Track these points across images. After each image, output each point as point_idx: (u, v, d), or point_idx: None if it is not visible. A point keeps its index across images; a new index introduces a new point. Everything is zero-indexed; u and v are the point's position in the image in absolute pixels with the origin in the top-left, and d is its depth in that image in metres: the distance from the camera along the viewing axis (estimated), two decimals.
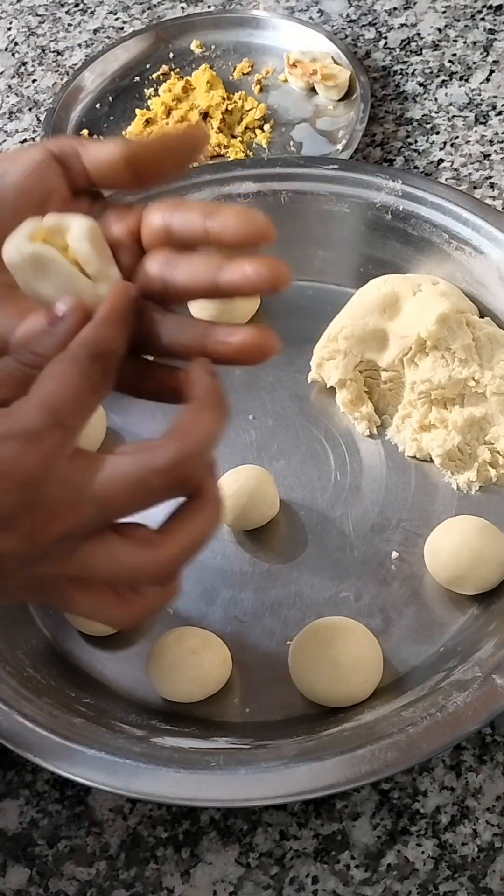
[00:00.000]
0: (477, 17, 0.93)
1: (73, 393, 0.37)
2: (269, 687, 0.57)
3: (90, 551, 0.38)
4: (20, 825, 0.55)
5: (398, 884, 0.51)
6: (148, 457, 0.37)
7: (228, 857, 0.52)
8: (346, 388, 0.67)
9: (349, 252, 0.73)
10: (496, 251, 0.67)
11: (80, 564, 0.38)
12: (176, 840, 0.53)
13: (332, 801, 0.54)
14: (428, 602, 0.59)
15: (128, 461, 0.37)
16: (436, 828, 0.52)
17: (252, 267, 0.37)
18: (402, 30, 0.93)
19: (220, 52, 0.93)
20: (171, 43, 0.94)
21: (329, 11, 0.96)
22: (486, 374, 0.63)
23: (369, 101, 0.84)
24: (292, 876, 0.52)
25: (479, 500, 0.63)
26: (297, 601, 0.60)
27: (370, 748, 0.50)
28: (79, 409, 0.37)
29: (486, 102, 0.86)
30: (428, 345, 0.64)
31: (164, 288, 0.40)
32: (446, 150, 0.83)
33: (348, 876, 0.51)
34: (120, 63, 0.92)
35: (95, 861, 0.53)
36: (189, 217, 0.39)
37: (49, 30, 1.00)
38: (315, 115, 0.87)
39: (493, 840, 0.52)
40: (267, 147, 0.85)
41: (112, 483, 0.36)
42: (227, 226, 0.38)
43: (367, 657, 0.55)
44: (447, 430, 0.64)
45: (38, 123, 0.91)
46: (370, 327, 0.66)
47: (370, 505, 0.64)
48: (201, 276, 0.39)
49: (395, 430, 0.66)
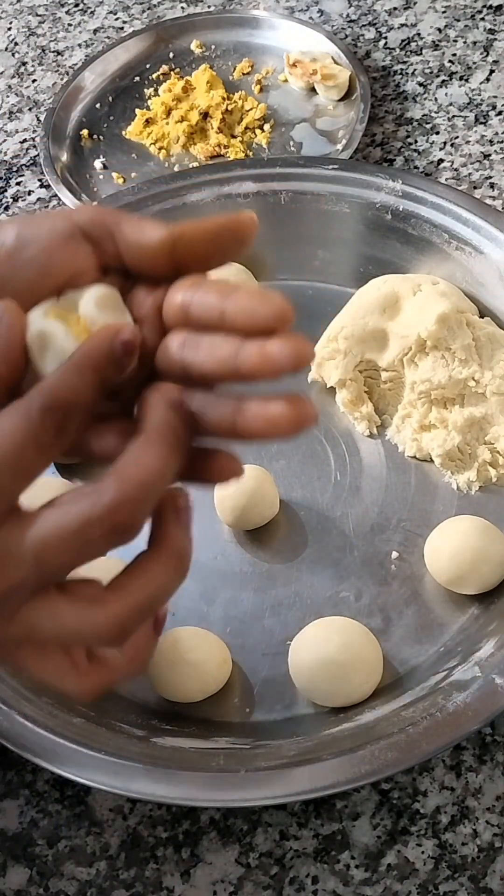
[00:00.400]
0: (477, 17, 0.93)
1: (11, 450, 0.33)
2: (269, 687, 0.57)
3: (32, 612, 0.34)
4: (20, 825, 0.55)
5: (398, 884, 0.51)
6: (82, 505, 0.33)
7: (228, 857, 0.52)
8: (346, 388, 0.67)
9: (349, 252, 0.73)
10: (496, 251, 0.67)
11: (23, 627, 0.35)
12: (176, 840, 0.53)
13: (332, 801, 0.54)
14: (428, 602, 0.59)
15: (61, 513, 0.33)
16: (436, 828, 0.52)
17: (275, 347, 0.34)
18: (402, 30, 0.93)
19: (220, 52, 0.93)
20: (171, 43, 0.94)
21: (329, 11, 0.96)
22: (486, 374, 0.63)
23: (369, 101, 0.84)
24: (292, 876, 0.52)
25: (479, 500, 0.63)
26: (297, 601, 0.60)
27: (370, 748, 0.50)
28: (18, 468, 0.33)
29: (486, 102, 0.86)
30: (428, 345, 0.64)
31: (184, 370, 0.36)
32: (446, 150, 0.83)
33: (348, 876, 0.51)
34: (120, 63, 0.92)
35: (95, 861, 0.53)
36: (207, 298, 0.36)
37: (49, 30, 1.00)
38: (315, 115, 0.87)
39: (493, 840, 0.52)
40: (267, 147, 0.85)
41: (45, 539, 0.33)
42: (243, 309, 0.35)
43: (367, 657, 0.55)
44: (447, 430, 0.64)
45: (38, 123, 0.91)
46: (370, 327, 0.66)
47: (370, 505, 0.64)
48: (223, 359, 0.35)
49: (395, 430, 0.66)
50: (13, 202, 0.85)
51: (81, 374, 0.34)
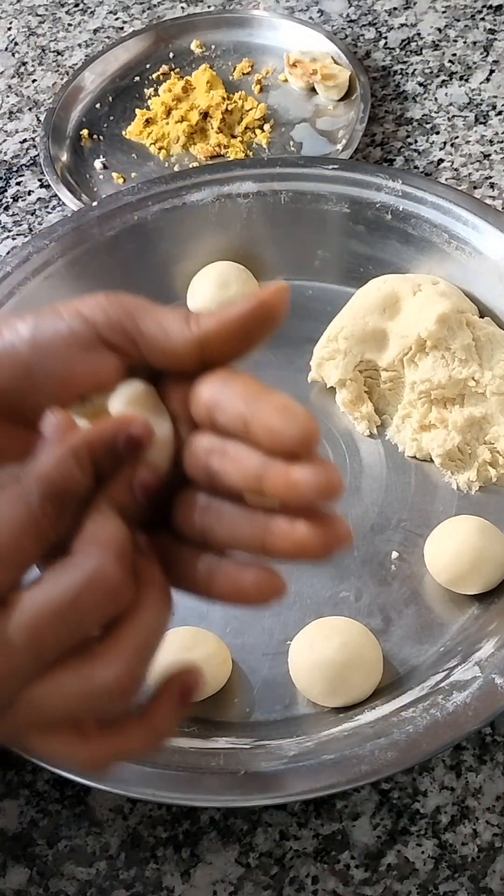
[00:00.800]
0: (477, 17, 0.93)
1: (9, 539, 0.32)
2: (269, 687, 0.57)
3: (32, 693, 0.32)
4: (20, 825, 0.55)
5: (398, 884, 0.51)
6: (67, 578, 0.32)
7: (228, 857, 0.52)
8: (346, 388, 0.67)
9: (349, 252, 0.73)
10: (496, 251, 0.67)
11: (26, 711, 0.32)
12: (176, 840, 0.53)
13: (332, 801, 0.53)
14: (428, 602, 0.59)
15: (47, 590, 0.32)
16: (436, 828, 0.52)
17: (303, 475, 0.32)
18: (402, 30, 0.93)
19: (220, 52, 0.93)
20: (171, 43, 0.94)
21: (329, 11, 0.96)
22: (486, 374, 0.64)
23: (369, 101, 0.84)
24: (292, 876, 0.52)
25: (479, 500, 0.63)
26: (297, 601, 0.60)
27: (370, 748, 0.50)
28: (16, 557, 0.32)
29: (486, 102, 0.86)
30: (428, 345, 0.64)
31: (210, 477, 0.34)
32: (446, 150, 0.83)
33: (348, 876, 0.51)
34: (120, 63, 0.92)
35: (95, 861, 0.53)
36: (233, 403, 0.33)
37: (49, 30, 1.00)
38: (315, 115, 0.87)
39: (493, 840, 0.52)
40: (267, 147, 0.85)
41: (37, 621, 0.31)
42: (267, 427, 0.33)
43: (367, 657, 0.55)
44: (447, 430, 0.64)
45: (38, 123, 0.91)
46: (370, 327, 0.66)
47: (370, 505, 0.64)
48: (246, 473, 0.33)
49: (395, 430, 0.66)
50: (13, 202, 0.85)
51: (81, 463, 0.33)
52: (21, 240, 0.81)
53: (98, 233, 0.72)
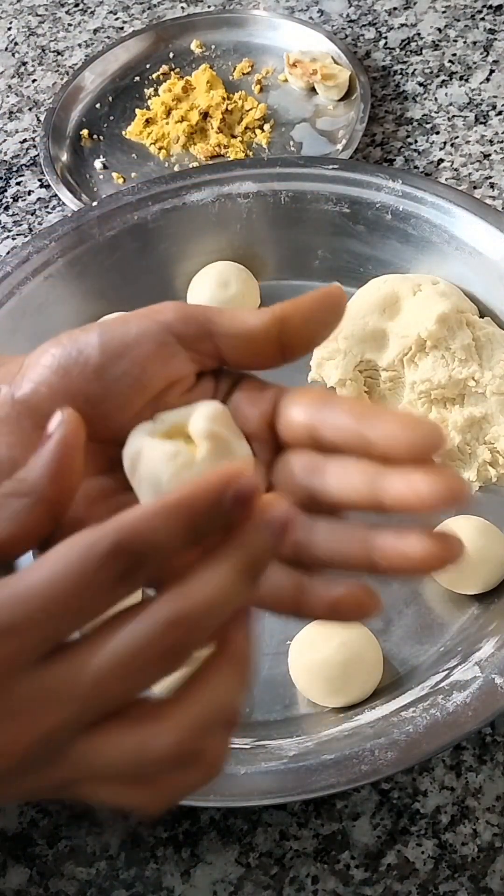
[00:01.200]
0: (477, 17, 0.93)
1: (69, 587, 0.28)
2: (269, 687, 0.57)
3: (84, 747, 0.30)
4: (20, 825, 0.55)
5: (398, 884, 0.51)
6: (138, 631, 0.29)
7: (228, 857, 0.52)
8: (346, 388, 0.67)
9: (349, 252, 0.73)
10: (496, 251, 0.67)
11: (75, 765, 0.30)
12: (176, 840, 0.53)
13: (332, 801, 0.53)
14: (428, 602, 0.59)
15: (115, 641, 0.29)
16: (436, 828, 0.52)
17: (426, 483, 0.30)
18: (402, 30, 0.93)
19: (220, 52, 0.93)
20: (171, 43, 0.94)
21: (329, 11, 0.96)
22: (486, 373, 0.64)
23: (369, 101, 0.84)
24: (292, 876, 0.52)
25: (479, 500, 0.63)
26: None
27: (370, 748, 0.50)
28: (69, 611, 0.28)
29: (486, 102, 0.86)
30: (428, 345, 0.64)
31: (311, 498, 0.33)
32: (446, 150, 0.83)
33: (348, 876, 0.51)
34: (120, 63, 0.92)
35: (95, 861, 0.53)
36: (340, 421, 0.32)
37: (49, 30, 1.00)
38: (315, 115, 0.87)
39: (493, 840, 0.52)
40: (267, 147, 0.85)
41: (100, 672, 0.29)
42: (394, 436, 0.31)
43: (367, 657, 0.55)
44: (447, 430, 0.64)
45: (38, 123, 0.91)
46: (370, 327, 0.66)
47: None
48: (360, 488, 0.32)
49: None
50: (13, 202, 0.85)
51: (171, 521, 0.29)
52: (21, 240, 0.82)
53: (98, 233, 0.72)
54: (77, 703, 0.29)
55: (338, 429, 0.32)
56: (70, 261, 0.70)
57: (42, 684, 0.29)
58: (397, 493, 0.31)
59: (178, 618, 0.29)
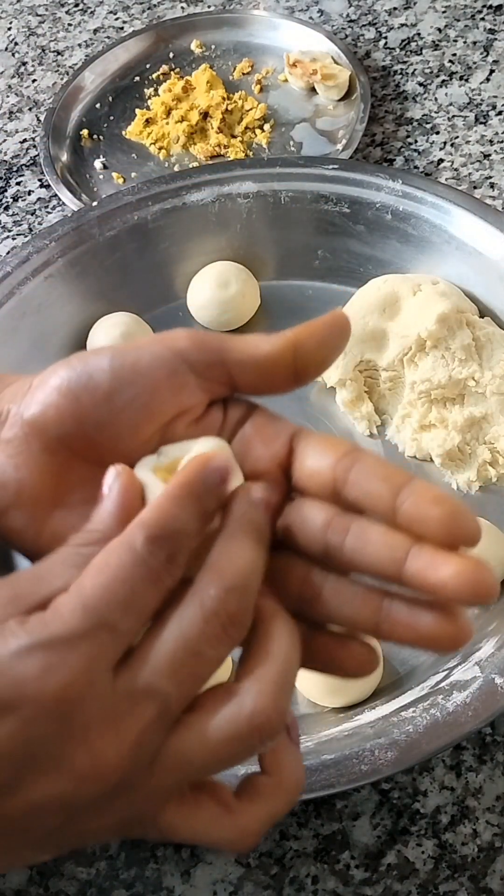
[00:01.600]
0: (477, 17, 0.93)
1: (122, 585, 0.29)
2: None
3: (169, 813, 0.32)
4: None
5: (398, 884, 0.51)
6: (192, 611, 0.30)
7: (228, 856, 0.52)
8: (346, 387, 0.67)
9: (349, 252, 0.73)
10: (496, 251, 0.67)
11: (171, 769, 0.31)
12: None
13: (332, 801, 0.53)
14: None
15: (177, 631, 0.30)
16: (436, 828, 0.52)
17: (451, 571, 0.30)
18: (402, 30, 0.93)
19: (220, 52, 0.93)
20: (171, 43, 0.94)
21: (329, 11, 0.96)
22: (486, 373, 0.64)
23: (369, 101, 0.84)
24: (292, 876, 0.52)
25: (479, 500, 0.63)
26: None
27: (370, 748, 0.50)
28: (132, 603, 0.30)
29: (486, 102, 0.86)
30: (428, 345, 0.64)
31: (326, 552, 0.33)
32: (446, 150, 0.83)
33: (348, 876, 0.51)
34: (120, 63, 0.92)
35: (95, 861, 0.53)
36: (372, 487, 0.32)
37: (49, 30, 1.00)
38: (315, 115, 0.87)
39: (493, 840, 0.52)
40: (267, 147, 0.85)
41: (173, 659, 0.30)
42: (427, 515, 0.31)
43: None
44: (447, 429, 0.64)
45: (38, 123, 0.91)
46: (370, 327, 0.66)
47: None
48: (381, 558, 0.32)
49: (395, 429, 0.66)
50: (13, 202, 0.85)
51: (181, 504, 0.31)
52: (21, 240, 0.82)
53: (98, 233, 0.72)
54: (159, 697, 0.30)
55: (367, 494, 0.32)
56: (70, 261, 0.70)
57: (125, 686, 0.29)
58: (418, 572, 0.31)
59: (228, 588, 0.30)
